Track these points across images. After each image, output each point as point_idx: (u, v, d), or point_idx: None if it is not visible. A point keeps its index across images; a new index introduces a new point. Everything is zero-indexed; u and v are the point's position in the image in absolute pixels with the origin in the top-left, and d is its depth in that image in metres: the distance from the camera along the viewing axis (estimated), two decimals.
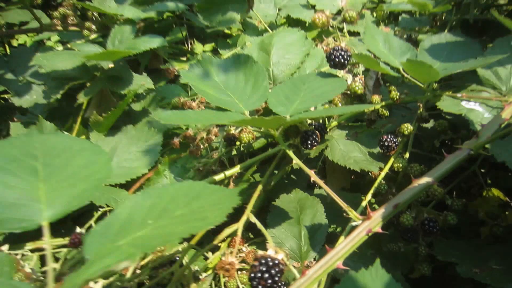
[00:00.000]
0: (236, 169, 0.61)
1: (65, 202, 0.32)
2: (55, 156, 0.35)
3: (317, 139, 0.57)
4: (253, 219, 0.46)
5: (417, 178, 0.44)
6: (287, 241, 0.64)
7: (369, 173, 0.63)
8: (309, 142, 0.57)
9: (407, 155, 0.61)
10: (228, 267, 0.41)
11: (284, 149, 0.48)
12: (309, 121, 0.62)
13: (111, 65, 0.83)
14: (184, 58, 1.15)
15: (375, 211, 0.42)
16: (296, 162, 0.46)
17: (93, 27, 0.94)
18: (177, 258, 0.57)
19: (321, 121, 0.65)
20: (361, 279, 0.31)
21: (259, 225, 0.45)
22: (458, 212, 0.61)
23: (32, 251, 0.61)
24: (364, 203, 0.56)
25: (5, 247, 0.57)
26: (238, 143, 0.66)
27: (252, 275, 0.39)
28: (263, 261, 0.39)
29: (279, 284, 0.39)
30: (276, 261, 0.40)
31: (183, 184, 0.36)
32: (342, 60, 0.58)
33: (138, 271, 0.61)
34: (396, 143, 0.60)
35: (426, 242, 0.68)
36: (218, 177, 0.61)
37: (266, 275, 0.39)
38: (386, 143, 0.60)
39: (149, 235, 0.29)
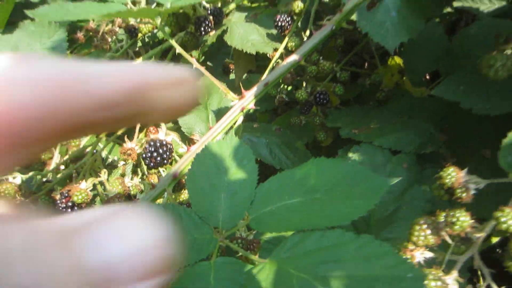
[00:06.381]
0: (138, 61, 0.63)
1: None
2: None
3: (210, 24, 0.58)
4: None
5: (287, 56, 0.49)
6: (197, 125, 0.70)
7: (268, 55, 0.66)
8: (202, 28, 0.58)
9: (307, 33, 0.64)
10: (130, 151, 0.47)
11: (166, 38, 0.50)
12: (206, 5, 0.62)
13: None
14: None
15: (248, 90, 0.47)
16: (179, 51, 0.49)
17: None
18: (95, 151, 0.62)
19: (219, 4, 0.65)
20: (214, 147, 0.37)
21: None
22: (346, 84, 0.67)
23: None
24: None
25: None
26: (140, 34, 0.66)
27: (144, 155, 0.45)
28: (152, 143, 0.45)
29: (167, 159, 0.46)
30: (164, 142, 0.46)
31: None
32: None
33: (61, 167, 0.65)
34: (289, 23, 0.62)
35: (324, 113, 0.76)
36: None
37: (155, 154, 0.45)
38: (280, 23, 0.62)
39: None
